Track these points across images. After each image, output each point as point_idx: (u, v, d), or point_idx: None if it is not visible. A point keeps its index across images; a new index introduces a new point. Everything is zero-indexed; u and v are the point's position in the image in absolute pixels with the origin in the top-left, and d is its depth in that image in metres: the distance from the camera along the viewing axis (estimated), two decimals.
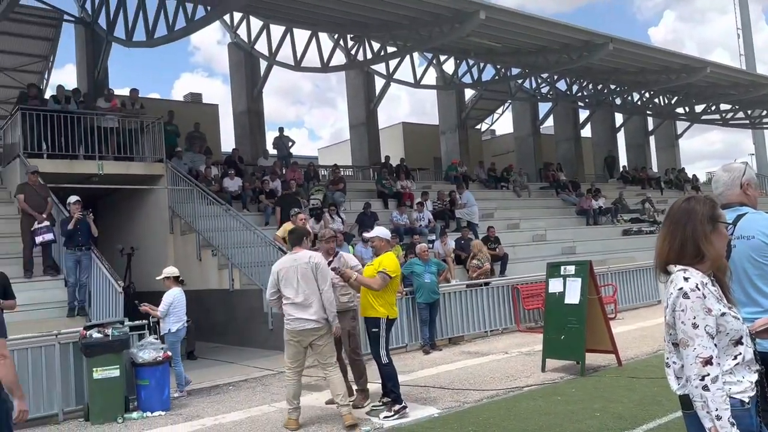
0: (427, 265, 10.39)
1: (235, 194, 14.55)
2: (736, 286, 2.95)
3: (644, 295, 14.35)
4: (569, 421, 5.75)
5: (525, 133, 28.19)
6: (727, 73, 22.75)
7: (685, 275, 2.42)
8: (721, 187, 3.18)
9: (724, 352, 2.40)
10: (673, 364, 2.52)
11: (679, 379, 2.50)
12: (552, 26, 16.79)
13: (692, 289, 2.37)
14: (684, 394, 2.46)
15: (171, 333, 7.91)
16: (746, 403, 2.38)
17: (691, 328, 2.35)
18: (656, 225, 20.69)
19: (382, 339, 6.44)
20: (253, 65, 21.41)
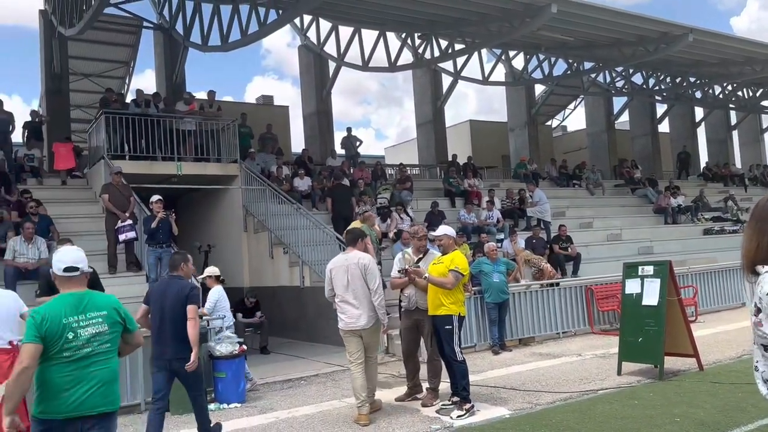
0: (496, 264, 10.25)
1: (305, 193, 14.84)
2: None
3: (727, 298, 13.63)
4: (648, 426, 5.54)
5: (598, 129, 27.32)
6: None
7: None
8: None
9: None
10: (763, 369, 2.39)
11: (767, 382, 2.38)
12: (627, 18, 16.20)
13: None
14: None
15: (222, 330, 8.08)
16: None
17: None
18: (740, 224, 19.61)
19: (455, 336, 6.44)
20: (322, 66, 21.78)
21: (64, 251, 3.67)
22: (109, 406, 3.42)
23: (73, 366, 3.33)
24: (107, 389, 3.41)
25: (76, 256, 3.58)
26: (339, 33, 20.66)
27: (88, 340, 3.36)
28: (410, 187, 16.31)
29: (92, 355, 3.38)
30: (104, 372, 3.40)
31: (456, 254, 6.61)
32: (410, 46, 20.55)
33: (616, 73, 24.43)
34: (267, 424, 6.49)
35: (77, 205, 12.90)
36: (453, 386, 6.63)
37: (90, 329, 3.40)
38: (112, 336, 3.49)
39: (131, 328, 3.64)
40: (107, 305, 3.52)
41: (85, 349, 3.35)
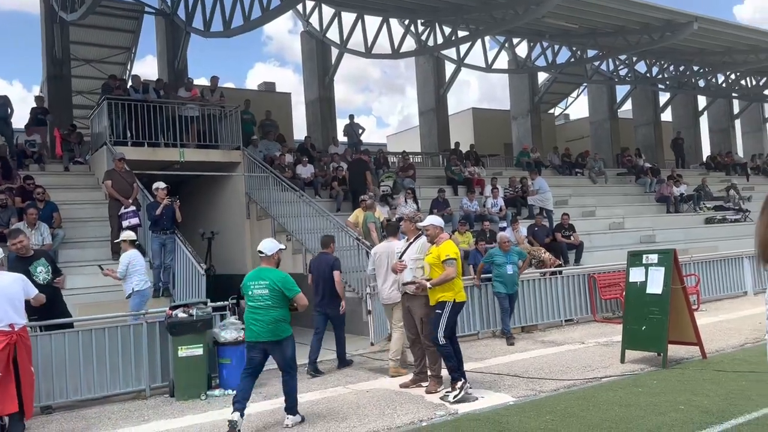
0: (508, 255, 9.94)
1: (308, 181, 14.82)
2: None
3: (729, 286, 13.64)
4: (652, 413, 5.56)
5: (601, 118, 27.25)
6: None
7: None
8: None
9: None
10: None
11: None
12: (631, 5, 16.11)
13: None
14: None
15: (135, 293, 8.25)
16: None
17: None
18: (742, 213, 19.61)
19: (442, 321, 6.51)
20: (324, 53, 21.69)
21: (262, 241, 6.16)
22: (274, 337, 5.71)
23: (251, 311, 5.76)
24: (270, 327, 5.68)
25: (264, 244, 6.03)
26: (342, 19, 20.54)
27: (253, 297, 5.73)
28: (413, 175, 16.29)
29: (260, 306, 5.71)
30: (265, 317, 5.68)
31: (444, 244, 6.65)
32: (413, 33, 20.45)
33: (620, 61, 24.32)
34: (272, 410, 6.52)
35: (80, 191, 12.90)
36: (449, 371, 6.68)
37: (257, 290, 5.73)
38: (271, 296, 5.69)
39: (289, 294, 5.72)
40: (270, 278, 5.74)
41: (256, 302, 5.72)
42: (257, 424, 6.02)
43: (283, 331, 5.74)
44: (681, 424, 5.17)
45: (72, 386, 6.96)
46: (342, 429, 5.68)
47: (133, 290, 8.33)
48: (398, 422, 5.79)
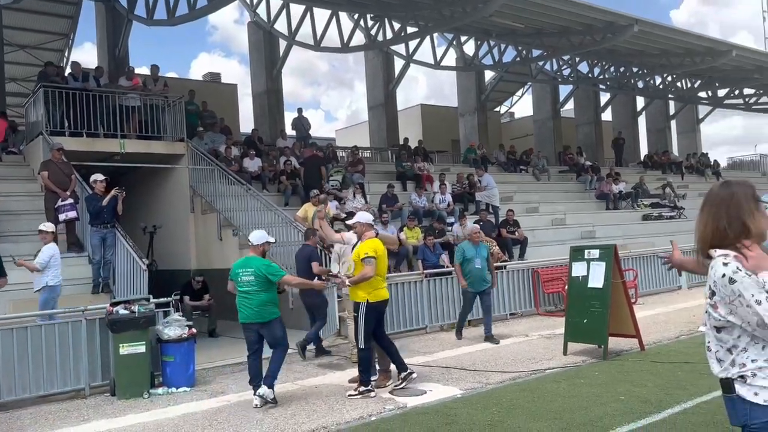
0: (478, 248, 9.30)
1: (255, 174, 14.58)
2: None
3: (664, 281, 14.24)
4: (594, 404, 5.74)
5: (545, 116, 27.91)
6: (753, 57, 22.30)
7: (725, 261, 2.38)
8: None
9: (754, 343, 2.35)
10: (716, 348, 2.48)
11: (720, 362, 2.46)
12: (575, 6, 16.51)
13: (735, 271, 2.33)
14: (726, 377, 2.43)
15: (48, 287, 8.01)
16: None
17: (757, 305, 2.29)
18: (677, 210, 20.47)
19: (359, 323, 6.47)
20: (272, 45, 21.35)
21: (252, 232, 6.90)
22: (261, 319, 6.32)
23: (241, 296, 6.36)
24: (256, 311, 6.30)
25: (252, 235, 6.69)
26: (290, 11, 20.26)
27: (241, 283, 6.32)
28: (362, 169, 16.26)
29: (248, 291, 6.30)
30: (252, 301, 6.29)
31: (363, 243, 6.61)
32: (363, 28, 20.39)
33: (563, 61, 24.96)
34: (218, 407, 6.40)
35: (13, 182, 12.27)
36: (396, 365, 6.72)
37: (245, 277, 6.31)
38: (257, 282, 6.26)
39: (274, 279, 6.31)
40: (255, 265, 6.33)
41: (244, 287, 6.31)
42: (203, 423, 5.89)
43: (271, 314, 6.35)
44: (622, 414, 5.35)
45: (6, 386, 6.65)
46: (290, 426, 5.62)
47: (47, 284, 8.00)
48: (347, 417, 5.78)
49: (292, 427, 5.59)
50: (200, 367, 7.95)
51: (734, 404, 2.42)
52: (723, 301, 2.37)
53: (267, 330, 6.38)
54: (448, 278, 10.79)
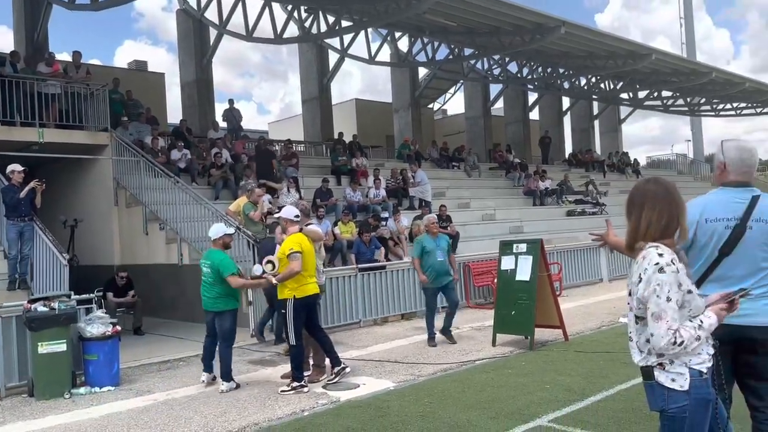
0: (438, 240, 8.75)
1: (184, 167, 14.18)
2: (744, 264, 3.10)
3: (587, 274, 14.84)
4: (521, 393, 5.93)
5: (476, 114, 28.51)
6: (670, 61, 23.53)
7: (659, 251, 2.51)
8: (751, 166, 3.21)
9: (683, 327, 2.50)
10: (637, 338, 2.60)
11: (641, 352, 2.58)
12: (505, 7, 16.91)
13: (668, 264, 2.47)
14: (646, 365, 2.56)
15: None
16: (704, 373, 2.50)
17: (665, 301, 2.44)
18: (599, 206, 21.37)
19: (289, 320, 6.43)
20: (202, 33, 20.78)
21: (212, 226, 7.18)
22: (215, 308, 6.76)
23: (202, 285, 6.83)
24: (210, 301, 6.76)
25: (211, 229, 7.07)
26: None
27: (203, 273, 6.80)
28: (296, 163, 16.10)
29: (206, 282, 6.76)
30: (207, 292, 6.76)
31: (287, 239, 6.54)
32: (296, 19, 20.15)
33: (494, 60, 25.54)
34: (144, 407, 6.20)
35: None
36: (330, 359, 6.73)
37: (204, 269, 6.79)
38: (212, 274, 6.68)
39: (224, 274, 6.61)
40: (212, 259, 6.74)
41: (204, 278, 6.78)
42: (128, 423, 5.70)
43: (224, 305, 6.72)
44: (547, 402, 5.55)
45: None
46: (220, 424, 5.52)
47: None
48: (280, 413, 5.73)
49: (222, 424, 5.49)
50: (125, 366, 7.68)
51: (653, 390, 2.55)
52: (645, 287, 2.48)
53: (219, 320, 6.75)
54: (381, 273, 10.86)
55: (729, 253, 3.10)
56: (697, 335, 2.44)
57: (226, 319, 6.74)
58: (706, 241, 3.15)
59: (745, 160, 3.18)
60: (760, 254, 3.10)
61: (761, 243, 3.10)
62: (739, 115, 34.67)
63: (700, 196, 3.33)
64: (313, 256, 6.71)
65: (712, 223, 3.14)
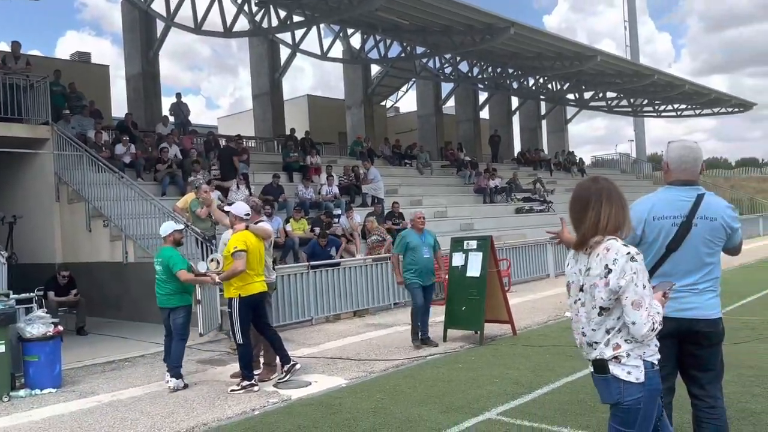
0: (423, 236, 8.32)
1: (129, 162, 13.78)
2: (690, 259, 3.24)
3: (534, 270, 15.18)
4: (471, 387, 6.02)
5: (428, 112, 28.74)
6: (615, 63, 24.29)
7: (623, 242, 2.59)
8: (690, 163, 3.32)
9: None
10: (591, 333, 2.62)
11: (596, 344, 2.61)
12: (457, 6, 17.10)
13: (637, 253, 2.55)
14: (600, 358, 2.59)
15: None
16: (656, 365, 2.59)
17: (642, 288, 2.50)
18: (546, 204, 21.89)
19: (235, 319, 6.35)
20: (148, 25, 20.24)
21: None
22: (168, 305, 6.77)
23: (156, 282, 6.80)
24: (163, 298, 6.76)
25: (161, 227, 7.12)
26: None
27: (156, 272, 6.78)
28: (247, 159, 15.87)
29: (159, 279, 6.77)
30: (161, 289, 6.77)
31: (234, 235, 6.45)
32: (247, 13, 19.86)
33: (445, 59, 25.81)
34: (88, 409, 6.01)
35: None
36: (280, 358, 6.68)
37: (156, 266, 6.79)
38: (164, 271, 6.71)
39: (173, 270, 6.64)
40: (163, 256, 6.78)
41: (157, 275, 6.78)
42: (71, 425, 5.51)
43: (178, 301, 6.76)
44: (496, 396, 5.66)
45: None
46: (167, 425, 5.40)
47: None
48: (229, 413, 5.65)
49: (170, 425, 5.38)
50: (68, 367, 7.44)
51: (608, 384, 2.58)
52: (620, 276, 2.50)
53: (172, 316, 6.78)
54: (334, 270, 10.84)
55: (676, 249, 3.24)
56: (660, 321, 2.54)
57: (180, 315, 6.76)
58: (654, 238, 3.28)
59: (683, 157, 3.32)
60: (704, 250, 3.25)
61: (706, 239, 3.25)
62: (679, 116, 36.10)
63: (649, 195, 3.47)
64: (262, 253, 6.61)
65: (659, 220, 3.28)
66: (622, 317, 2.54)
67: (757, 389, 5.32)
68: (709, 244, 3.26)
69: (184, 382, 6.61)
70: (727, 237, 3.30)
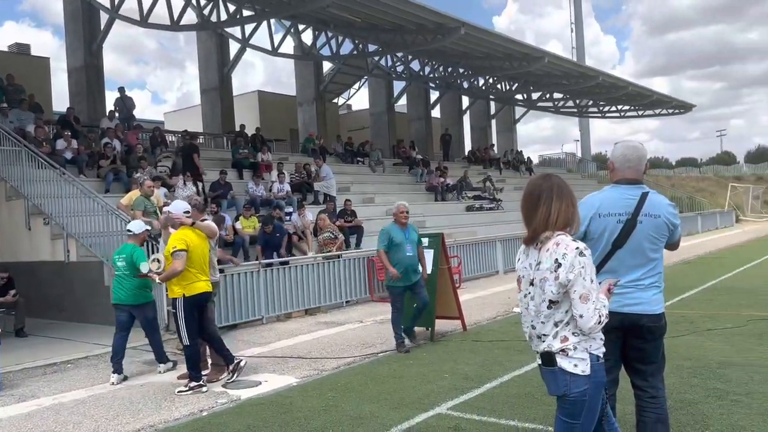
0: (407, 231, 7.85)
1: (71, 158, 13.31)
2: (635, 256, 3.35)
3: (484, 266, 15.43)
4: (422, 382, 6.08)
5: (380, 110, 28.81)
6: (562, 64, 24.89)
7: (572, 238, 2.65)
8: (635, 161, 3.43)
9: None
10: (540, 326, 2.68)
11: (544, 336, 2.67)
12: (408, 5, 17.18)
13: (585, 248, 2.62)
14: (548, 351, 2.66)
15: None
16: (601, 358, 2.67)
17: (590, 283, 2.58)
18: (495, 202, 22.26)
19: (180, 320, 6.24)
20: (91, 17, 19.56)
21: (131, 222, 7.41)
22: (135, 301, 6.85)
23: (117, 279, 6.88)
24: (130, 293, 6.81)
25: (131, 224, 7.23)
26: None
27: (117, 268, 6.87)
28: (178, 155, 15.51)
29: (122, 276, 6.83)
30: (126, 285, 6.81)
31: (173, 235, 6.33)
32: (195, 6, 19.46)
33: (397, 58, 25.93)
34: (28, 413, 5.78)
35: None
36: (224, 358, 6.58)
37: (119, 263, 6.86)
38: (128, 267, 6.75)
39: (137, 264, 6.67)
40: (127, 252, 6.86)
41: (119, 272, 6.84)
42: (9, 430, 5.29)
43: (144, 297, 6.84)
44: (446, 391, 5.73)
45: None
46: (113, 427, 5.25)
47: None
48: (177, 414, 5.53)
49: (115, 427, 5.23)
50: (6, 370, 7.14)
51: (555, 376, 2.65)
52: (569, 270, 2.57)
53: (140, 312, 6.89)
54: (285, 268, 10.75)
55: (621, 245, 3.35)
56: (606, 314, 2.61)
57: (149, 310, 6.94)
58: (599, 234, 3.39)
59: (628, 157, 3.44)
60: (649, 246, 3.38)
61: (651, 236, 3.37)
62: (623, 117, 37.31)
63: (595, 193, 3.58)
64: (205, 252, 6.46)
65: (605, 217, 3.38)
66: (570, 310, 2.61)
67: (695, 380, 5.55)
68: (653, 241, 3.38)
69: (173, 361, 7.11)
70: (669, 233, 3.44)
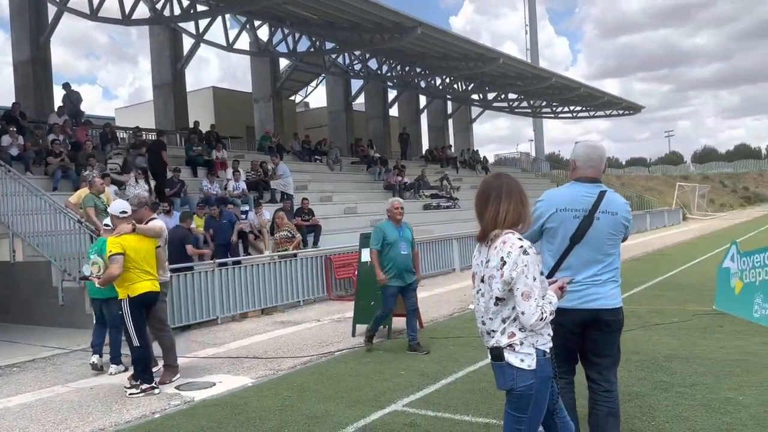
0: (401, 229, 7.43)
1: (17, 154, 12.84)
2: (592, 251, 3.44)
3: (441, 264, 15.58)
4: (378, 380, 6.10)
5: (338, 108, 28.73)
6: (516, 65, 25.31)
7: (517, 236, 2.71)
8: (596, 160, 3.54)
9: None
10: (489, 322, 2.76)
11: (494, 332, 2.74)
12: (365, 4, 17.19)
13: (529, 246, 2.67)
14: (497, 346, 2.72)
15: None
16: (548, 353, 2.74)
17: (532, 280, 2.63)
18: (452, 201, 22.49)
19: (127, 321, 6.12)
20: (39, 9, 18.90)
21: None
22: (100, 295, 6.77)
23: None
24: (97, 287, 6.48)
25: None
26: None
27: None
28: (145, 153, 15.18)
29: None
30: None
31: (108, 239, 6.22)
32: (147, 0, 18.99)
33: (355, 56, 25.90)
34: None
35: None
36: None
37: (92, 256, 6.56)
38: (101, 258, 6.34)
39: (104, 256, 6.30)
40: (99, 245, 6.76)
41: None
42: None
43: (110, 291, 6.49)
44: (403, 388, 5.77)
45: None
46: (60, 431, 5.09)
47: None
48: (128, 417, 5.41)
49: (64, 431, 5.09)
50: None
51: (503, 371, 2.72)
52: (512, 268, 2.64)
53: (106, 307, 6.88)
54: (240, 267, 10.62)
55: (579, 241, 3.44)
56: (551, 311, 2.67)
57: (114, 306, 6.69)
58: (556, 229, 3.48)
59: (590, 155, 3.55)
60: (607, 242, 3.48)
61: (609, 232, 3.48)
62: (575, 118, 38.21)
63: (554, 189, 3.69)
64: (149, 251, 6.30)
65: (562, 212, 3.48)
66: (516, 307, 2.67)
67: (642, 373, 5.74)
68: (611, 237, 3.49)
69: (125, 365, 6.93)
70: (625, 230, 3.56)
